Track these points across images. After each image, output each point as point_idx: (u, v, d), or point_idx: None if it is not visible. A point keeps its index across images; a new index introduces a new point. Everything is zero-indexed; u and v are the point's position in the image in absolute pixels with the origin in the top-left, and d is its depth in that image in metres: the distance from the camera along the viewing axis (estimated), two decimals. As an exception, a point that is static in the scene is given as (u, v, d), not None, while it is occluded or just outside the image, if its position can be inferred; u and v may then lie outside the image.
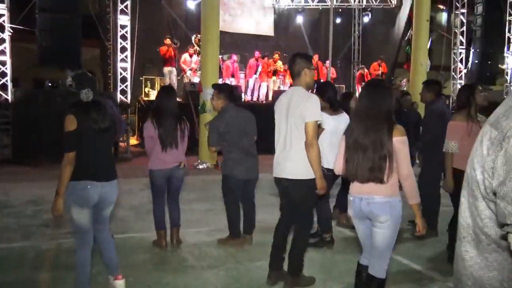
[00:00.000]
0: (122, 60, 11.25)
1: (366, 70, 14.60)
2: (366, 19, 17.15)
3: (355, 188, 2.70)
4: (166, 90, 4.51)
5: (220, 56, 11.60)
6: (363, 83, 14.57)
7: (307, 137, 3.15)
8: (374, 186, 2.60)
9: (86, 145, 2.94)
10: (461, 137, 3.76)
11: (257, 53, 13.25)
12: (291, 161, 3.24)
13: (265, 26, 16.71)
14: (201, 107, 9.41)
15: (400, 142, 2.59)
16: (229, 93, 4.46)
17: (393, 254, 3.68)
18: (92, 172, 2.97)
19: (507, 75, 16.22)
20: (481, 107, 3.97)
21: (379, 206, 2.59)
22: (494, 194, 1.09)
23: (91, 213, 3.03)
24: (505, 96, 15.85)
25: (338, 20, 16.74)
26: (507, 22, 15.95)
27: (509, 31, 16.04)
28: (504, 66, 15.98)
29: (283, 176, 3.31)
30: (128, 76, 11.27)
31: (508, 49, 15.77)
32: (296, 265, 3.41)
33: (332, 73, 14.60)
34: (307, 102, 3.17)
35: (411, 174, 2.62)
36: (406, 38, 15.03)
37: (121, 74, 11.20)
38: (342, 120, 4.36)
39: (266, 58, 13.65)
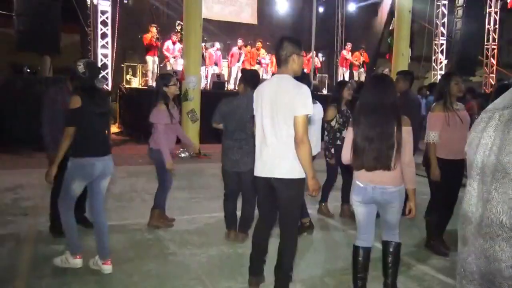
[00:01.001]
0: (103, 46, 11.08)
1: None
2: (350, 8, 17.20)
3: (366, 176, 2.86)
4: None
5: (203, 44, 11.51)
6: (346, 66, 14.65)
7: (297, 133, 2.82)
8: (385, 175, 2.82)
9: (88, 125, 3.34)
10: (441, 127, 3.86)
11: (240, 41, 13.17)
12: (284, 159, 2.88)
13: (248, 14, 16.61)
14: (183, 95, 9.35)
15: (406, 132, 2.82)
16: (246, 78, 4.18)
17: (350, 230, 3.88)
18: (94, 149, 3.39)
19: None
20: (457, 97, 4.02)
21: (392, 195, 2.88)
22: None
23: (88, 185, 3.49)
24: (484, 87, 16.15)
25: (321, 9, 16.74)
26: (487, 14, 16.20)
27: (488, 23, 16.31)
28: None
29: (275, 176, 2.92)
30: (109, 63, 11.10)
31: (488, 40, 16.04)
32: (286, 279, 3.09)
33: (316, 62, 14.65)
34: (297, 93, 2.83)
35: (412, 161, 2.88)
36: (388, 29, 15.13)
37: (101, 60, 11.02)
38: (316, 111, 4.42)
39: (249, 47, 13.60)
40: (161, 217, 4.69)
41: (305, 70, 14.26)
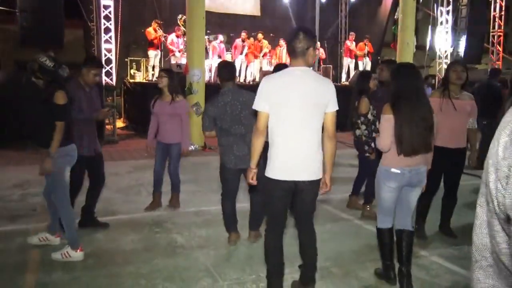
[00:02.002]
0: (106, 41, 11.03)
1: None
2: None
3: (403, 161, 3.03)
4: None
5: (206, 37, 11.46)
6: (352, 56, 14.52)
7: (329, 129, 2.81)
8: (420, 156, 3.04)
9: (69, 116, 3.65)
10: (436, 112, 3.79)
11: (243, 34, 13.11)
12: (314, 160, 2.80)
13: (251, 6, 16.50)
14: (187, 88, 9.34)
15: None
16: (222, 72, 3.97)
17: (356, 220, 3.97)
18: (72, 136, 3.76)
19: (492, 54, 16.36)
20: (459, 84, 3.98)
21: (424, 174, 3.14)
22: (508, 219, 0.78)
23: None
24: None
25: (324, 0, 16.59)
26: (492, 1, 16.00)
27: (494, 10, 16.11)
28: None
29: (304, 179, 2.78)
30: (113, 58, 11.08)
31: (494, 27, 15.86)
32: (314, 277, 3.07)
33: (322, 53, 14.56)
34: (329, 88, 2.78)
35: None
36: (393, 18, 15.00)
37: (105, 55, 10.99)
38: None
39: (252, 39, 13.53)
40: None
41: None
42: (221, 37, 12.81)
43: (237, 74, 13.04)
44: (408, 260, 3.18)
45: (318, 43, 12.73)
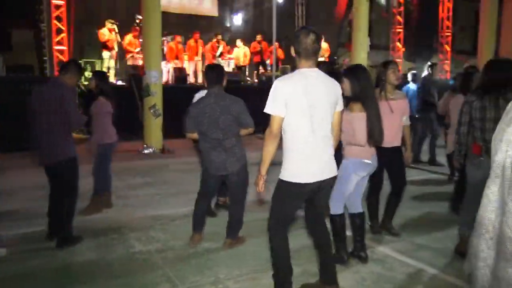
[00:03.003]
0: (58, 43, 10.68)
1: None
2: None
3: (370, 152, 3.45)
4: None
5: (164, 38, 11.30)
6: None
7: (337, 129, 2.98)
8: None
9: None
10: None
11: (198, 34, 13.01)
12: (332, 157, 2.92)
13: (208, 6, 16.43)
14: (144, 90, 9.18)
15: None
16: (209, 75, 3.94)
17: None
18: None
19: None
20: (396, 84, 4.07)
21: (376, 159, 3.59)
22: None
23: None
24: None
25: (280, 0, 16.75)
26: (440, 3, 16.71)
27: (442, 11, 16.83)
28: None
29: (329, 176, 2.87)
30: (66, 60, 10.73)
31: (442, 28, 16.54)
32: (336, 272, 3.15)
33: (280, 53, 14.70)
34: (339, 89, 2.93)
35: None
36: (348, 18, 15.36)
37: (57, 58, 10.64)
38: None
39: (211, 39, 13.47)
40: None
41: (268, 62, 14.33)
42: (178, 38, 12.67)
43: (193, 75, 12.92)
44: (363, 240, 3.66)
45: (277, 43, 12.84)
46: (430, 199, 5.62)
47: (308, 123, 2.74)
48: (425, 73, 8.92)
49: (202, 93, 4.31)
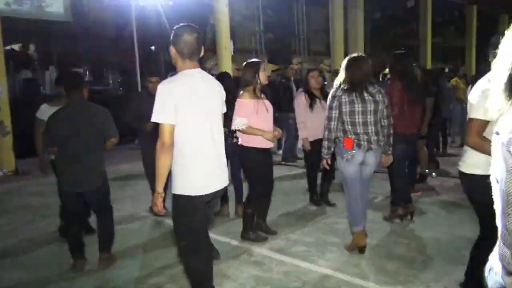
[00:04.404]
0: None
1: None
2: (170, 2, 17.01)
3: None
4: None
5: (9, 47, 10.01)
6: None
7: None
8: None
9: None
10: (250, 115, 3.86)
11: (53, 40, 11.88)
12: (226, 165, 2.93)
13: (58, 10, 15.09)
14: (-13, 106, 8.01)
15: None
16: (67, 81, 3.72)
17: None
18: None
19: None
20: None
21: None
22: None
23: None
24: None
25: (142, 3, 16.18)
26: (295, 8, 17.86)
27: (297, 16, 18.01)
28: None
29: (224, 186, 2.75)
30: None
31: (298, 31, 17.70)
32: None
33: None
34: (222, 88, 2.86)
35: None
36: (211, 23, 15.47)
37: None
38: None
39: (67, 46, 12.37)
40: None
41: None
42: (32, 47, 11.40)
43: (48, 84, 11.74)
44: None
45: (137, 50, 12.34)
46: (301, 193, 5.85)
47: (203, 129, 2.53)
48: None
49: (46, 106, 4.17)
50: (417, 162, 5.74)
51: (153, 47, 16.36)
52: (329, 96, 3.69)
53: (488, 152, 2.94)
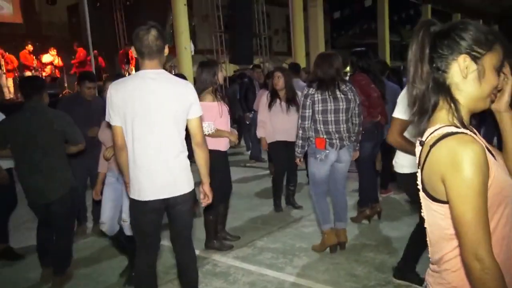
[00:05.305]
0: None
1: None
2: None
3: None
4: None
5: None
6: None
7: (199, 135, 2.76)
8: None
9: None
10: (215, 117, 3.70)
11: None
12: (183, 172, 2.75)
13: (8, 11, 14.33)
14: None
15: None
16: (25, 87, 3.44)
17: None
18: None
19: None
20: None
21: None
22: None
23: None
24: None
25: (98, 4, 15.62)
26: (255, 7, 17.76)
27: (257, 15, 17.92)
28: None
29: (177, 194, 2.63)
30: None
31: (259, 31, 17.61)
32: None
33: (100, 61, 13.69)
34: (191, 93, 2.68)
35: None
36: (169, 23, 15.11)
37: None
38: None
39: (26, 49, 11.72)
40: None
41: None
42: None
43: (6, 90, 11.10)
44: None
45: (96, 51, 11.89)
46: (266, 197, 5.61)
47: (144, 136, 2.41)
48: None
49: None
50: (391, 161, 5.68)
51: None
52: (302, 95, 3.60)
53: (407, 151, 2.97)
